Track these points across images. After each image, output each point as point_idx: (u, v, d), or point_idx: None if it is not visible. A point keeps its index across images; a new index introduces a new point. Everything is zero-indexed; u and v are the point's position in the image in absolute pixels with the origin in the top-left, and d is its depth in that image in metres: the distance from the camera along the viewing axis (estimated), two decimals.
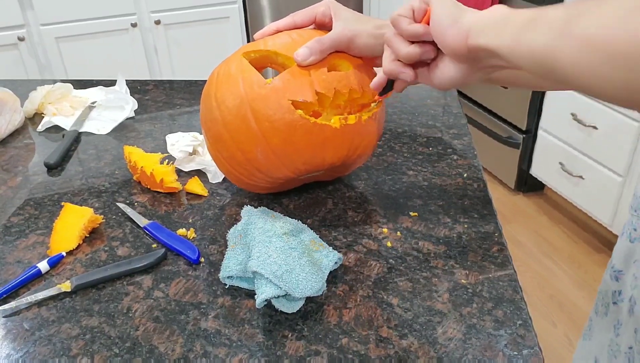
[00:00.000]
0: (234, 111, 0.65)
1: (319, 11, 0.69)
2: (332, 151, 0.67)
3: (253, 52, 0.69)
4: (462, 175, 0.81)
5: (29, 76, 2.34)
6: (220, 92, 0.67)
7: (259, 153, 0.66)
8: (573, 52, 0.43)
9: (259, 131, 0.64)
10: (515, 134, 2.22)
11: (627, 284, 0.67)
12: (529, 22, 0.47)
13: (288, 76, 0.65)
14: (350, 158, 0.70)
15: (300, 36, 0.68)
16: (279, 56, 0.68)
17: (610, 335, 0.71)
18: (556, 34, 0.44)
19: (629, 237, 0.67)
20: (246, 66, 0.67)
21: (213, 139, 0.69)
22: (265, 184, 0.72)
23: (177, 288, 0.62)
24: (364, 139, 0.70)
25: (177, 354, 0.54)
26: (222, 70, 0.69)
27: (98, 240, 0.71)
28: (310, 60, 0.65)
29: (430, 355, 0.53)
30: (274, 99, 0.64)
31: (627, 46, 0.39)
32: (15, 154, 0.93)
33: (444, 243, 0.67)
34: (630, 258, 0.66)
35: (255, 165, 0.67)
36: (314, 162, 0.68)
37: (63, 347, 0.55)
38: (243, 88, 0.65)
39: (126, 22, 2.40)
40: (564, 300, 1.84)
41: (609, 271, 0.71)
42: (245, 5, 2.59)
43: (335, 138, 0.66)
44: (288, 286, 0.55)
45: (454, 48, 0.52)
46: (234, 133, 0.66)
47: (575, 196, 2.04)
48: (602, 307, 0.73)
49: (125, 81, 1.12)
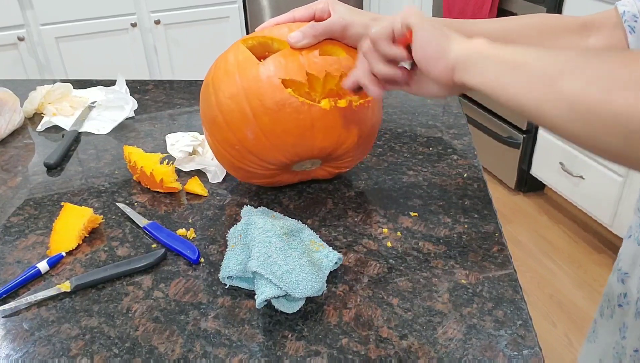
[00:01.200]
0: (227, 93, 0.66)
1: (317, 8, 0.70)
2: (321, 135, 0.67)
3: (250, 39, 0.70)
4: (462, 175, 0.81)
5: (29, 76, 2.34)
6: (217, 77, 0.68)
7: (249, 133, 0.66)
8: (562, 115, 0.43)
9: (250, 111, 0.65)
10: (515, 134, 2.22)
11: (633, 287, 0.66)
12: (514, 67, 0.47)
13: (280, 57, 0.66)
14: (342, 144, 0.70)
15: (299, 27, 0.69)
16: (275, 42, 0.69)
17: (615, 337, 0.70)
18: (543, 91, 0.45)
19: (637, 239, 0.66)
20: (242, 49, 0.69)
21: (209, 125, 0.70)
22: (259, 170, 0.71)
23: (177, 288, 0.62)
24: (355, 127, 0.69)
25: (177, 354, 0.54)
26: (220, 59, 0.71)
27: (98, 240, 0.71)
28: (303, 43, 0.66)
29: (430, 355, 0.53)
30: (265, 78, 0.65)
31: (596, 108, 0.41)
32: (15, 154, 0.93)
33: (444, 243, 0.67)
34: (637, 261, 0.66)
35: (246, 146, 0.68)
36: (304, 144, 0.68)
37: (63, 347, 0.55)
38: (237, 70, 0.67)
39: (126, 22, 2.40)
40: (564, 300, 1.84)
41: (616, 273, 0.71)
42: (245, 5, 2.59)
43: (324, 119, 0.66)
44: (288, 286, 0.55)
45: (440, 80, 0.54)
46: (227, 115, 0.67)
47: (575, 196, 2.04)
48: (607, 309, 0.73)
49: (125, 81, 1.12)
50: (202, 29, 2.53)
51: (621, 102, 0.39)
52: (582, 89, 0.42)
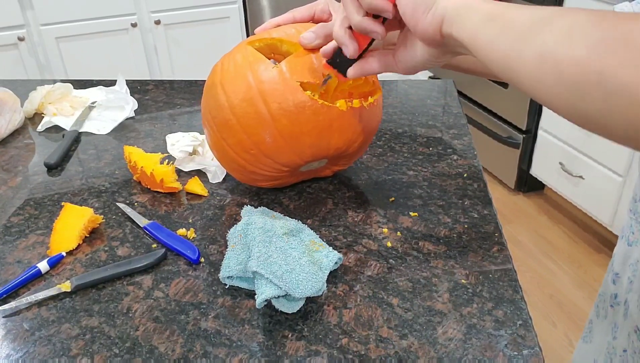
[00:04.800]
0: (241, 95, 0.65)
1: (317, 8, 0.70)
2: (337, 134, 0.68)
3: (258, 41, 0.69)
4: (462, 175, 0.81)
5: (29, 76, 2.34)
6: (227, 79, 0.67)
7: (267, 136, 0.66)
8: (529, 67, 0.41)
9: (267, 113, 0.65)
10: (515, 134, 2.22)
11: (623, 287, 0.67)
12: (491, 18, 0.45)
13: (295, 59, 0.66)
14: (353, 143, 0.71)
15: (304, 27, 0.69)
16: (284, 44, 0.68)
17: (608, 337, 0.71)
18: (515, 41, 0.42)
19: (627, 240, 0.67)
20: (252, 52, 0.68)
21: (219, 127, 0.69)
22: (269, 173, 0.71)
23: (177, 288, 0.62)
24: (366, 125, 0.70)
25: (177, 354, 0.54)
26: (226, 60, 0.70)
27: (98, 240, 0.71)
28: (316, 43, 0.65)
29: (430, 355, 0.53)
30: (282, 81, 0.64)
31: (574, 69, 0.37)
32: (15, 154, 0.93)
33: (444, 243, 0.67)
34: (627, 261, 0.66)
35: (262, 149, 0.67)
36: (320, 145, 0.68)
37: (63, 347, 0.55)
38: (251, 72, 0.66)
39: (126, 22, 2.40)
40: (564, 300, 1.84)
41: (610, 274, 0.71)
42: (245, 5, 2.59)
43: (341, 120, 0.67)
44: (288, 286, 0.55)
45: (427, 34, 0.50)
46: (242, 118, 0.66)
47: (575, 196, 2.04)
48: (602, 310, 0.73)
49: (125, 81, 1.12)
50: (202, 29, 2.54)
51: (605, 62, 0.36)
52: (555, 43, 0.39)
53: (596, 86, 0.36)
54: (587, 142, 1.91)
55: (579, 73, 0.37)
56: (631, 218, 0.67)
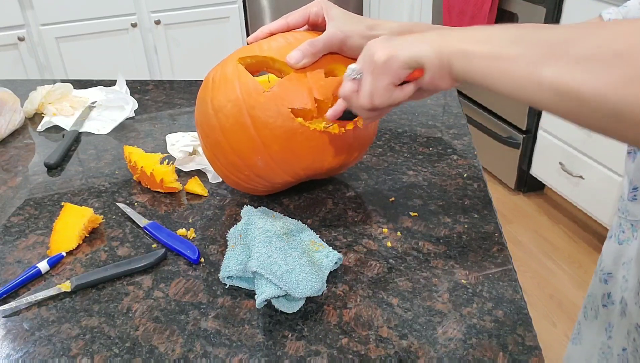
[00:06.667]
0: (231, 120, 0.64)
1: (311, 11, 0.68)
2: (331, 156, 0.67)
3: (249, 58, 0.68)
4: (462, 175, 0.81)
5: (29, 76, 2.34)
6: (217, 99, 0.66)
7: (258, 160, 0.66)
8: (547, 100, 0.42)
9: (258, 138, 0.64)
10: (515, 134, 2.22)
11: (617, 286, 0.67)
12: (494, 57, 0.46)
13: (286, 83, 0.64)
14: (348, 160, 0.71)
15: (296, 39, 0.67)
16: (276, 62, 0.67)
17: (601, 338, 0.71)
18: (526, 78, 0.43)
19: (617, 239, 0.67)
20: (242, 72, 0.66)
21: (211, 146, 0.69)
22: (264, 188, 0.72)
23: (177, 288, 0.62)
24: (361, 143, 0.70)
25: (177, 354, 0.54)
26: (217, 75, 0.68)
27: (98, 240, 0.71)
28: (303, 63, 0.65)
29: (430, 355, 0.53)
30: (273, 106, 0.63)
31: (595, 96, 0.39)
32: (15, 154, 0.93)
33: (444, 243, 0.67)
34: (619, 260, 0.66)
35: (254, 171, 0.67)
36: (313, 167, 0.68)
37: (63, 347, 0.55)
38: (241, 95, 0.64)
39: (126, 22, 2.40)
40: (564, 300, 1.84)
41: (598, 274, 0.71)
42: (245, 5, 2.59)
43: (334, 143, 0.66)
44: (288, 286, 0.55)
45: (445, 89, 0.54)
46: (233, 141, 0.65)
47: (575, 196, 2.04)
48: (591, 311, 0.73)
49: (126, 81, 1.12)
50: (202, 29, 2.53)
51: (604, 81, 0.38)
52: (562, 73, 0.40)
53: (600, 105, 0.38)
54: (587, 142, 1.91)
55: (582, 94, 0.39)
56: (620, 216, 0.67)
